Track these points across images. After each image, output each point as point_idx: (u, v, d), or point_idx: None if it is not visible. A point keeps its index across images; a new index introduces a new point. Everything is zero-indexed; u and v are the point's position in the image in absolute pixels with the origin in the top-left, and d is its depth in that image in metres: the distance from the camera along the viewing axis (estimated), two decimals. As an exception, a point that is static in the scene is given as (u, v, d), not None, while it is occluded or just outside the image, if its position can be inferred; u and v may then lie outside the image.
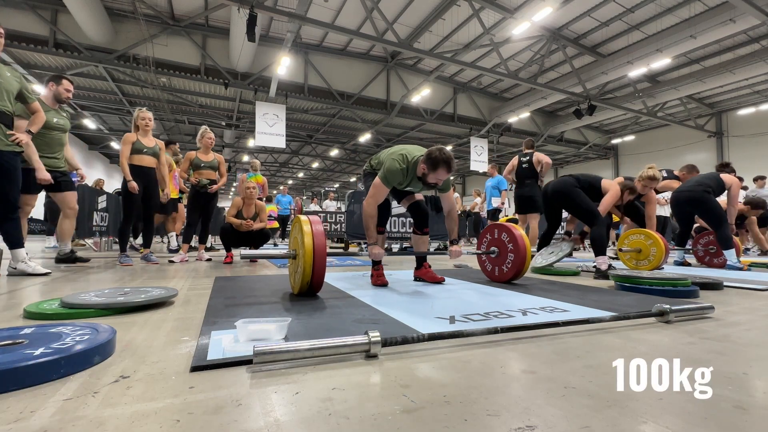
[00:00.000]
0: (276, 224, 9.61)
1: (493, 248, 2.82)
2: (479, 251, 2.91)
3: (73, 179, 3.78)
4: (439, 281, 2.67)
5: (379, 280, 2.57)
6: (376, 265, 2.64)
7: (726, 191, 4.23)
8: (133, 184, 3.69)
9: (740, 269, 3.90)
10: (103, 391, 0.85)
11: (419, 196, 2.82)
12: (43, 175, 3.02)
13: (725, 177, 4.23)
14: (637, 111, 13.63)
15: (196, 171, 4.40)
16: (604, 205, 3.36)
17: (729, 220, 4.16)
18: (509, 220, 9.38)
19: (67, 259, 3.71)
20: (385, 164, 2.45)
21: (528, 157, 5.07)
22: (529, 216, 5.11)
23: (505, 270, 2.72)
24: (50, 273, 2.95)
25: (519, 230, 2.68)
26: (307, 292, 2.02)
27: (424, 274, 2.77)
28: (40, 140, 3.15)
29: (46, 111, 3.17)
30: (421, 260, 2.82)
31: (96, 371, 0.97)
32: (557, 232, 4.06)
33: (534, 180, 5.01)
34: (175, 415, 0.74)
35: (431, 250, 7.47)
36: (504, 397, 0.84)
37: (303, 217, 2.07)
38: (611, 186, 3.42)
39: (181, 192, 5.99)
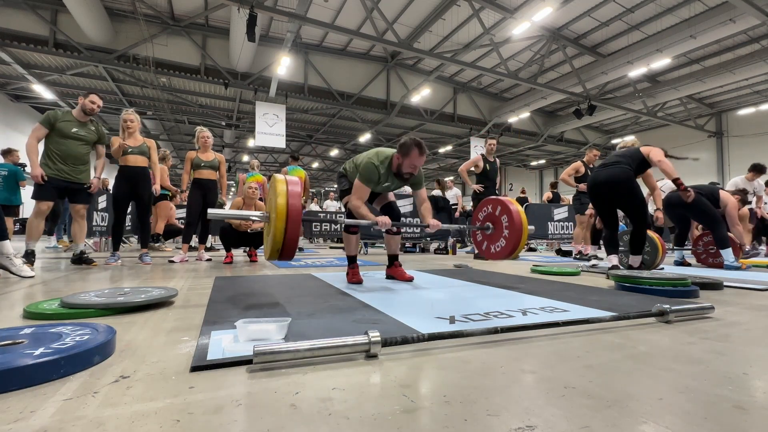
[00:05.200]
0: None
1: (487, 224, 2.75)
2: (474, 227, 2.85)
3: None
4: (409, 280, 2.72)
5: (354, 278, 2.64)
6: (352, 264, 2.73)
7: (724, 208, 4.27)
8: (36, 172, 3.25)
9: (738, 268, 3.90)
10: (103, 391, 0.85)
11: (391, 197, 2.89)
12: (36, 171, 3.22)
13: (724, 194, 4.29)
14: (637, 111, 13.63)
15: (197, 170, 4.40)
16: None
17: (739, 240, 4.25)
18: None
19: (77, 260, 3.70)
20: (360, 167, 2.55)
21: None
22: None
23: (500, 247, 2.63)
24: (34, 276, 2.76)
25: (515, 205, 2.60)
26: (280, 257, 1.90)
27: (394, 272, 2.83)
28: (54, 147, 3.37)
29: (69, 121, 3.44)
30: (392, 259, 2.89)
31: (96, 371, 0.97)
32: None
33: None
34: (175, 415, 0.74)
35: (432, 250, 7.48)
36: (504, 397, 0.84)
37: (279, 176, 1.93)
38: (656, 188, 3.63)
39: (164, 188, 5.99)
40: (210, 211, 1.98)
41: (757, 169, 6.06)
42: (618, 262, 3.46)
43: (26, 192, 4.94)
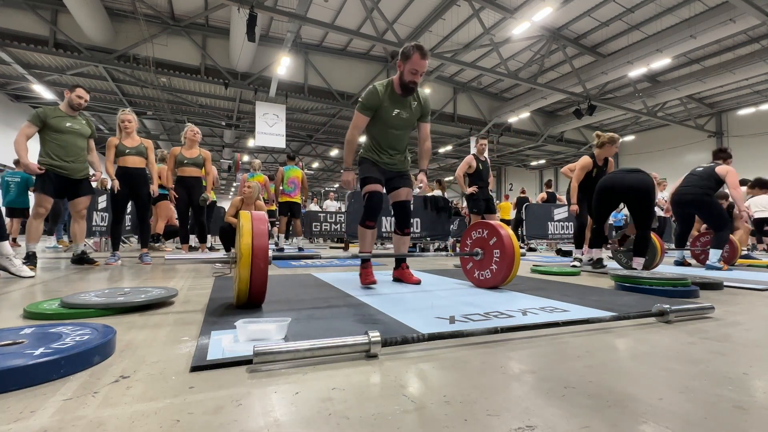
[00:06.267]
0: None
1: (476, 249, 2.56)
2: (462, 253, 2.65)
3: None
4: (416, 282, 2.59)
5: (367, 279, 2.46)
6: (365, 263, 2.54)
7: (725, 184, 4.16)
8: (116, 183, 3.76)
9: (719, 269, 3.92)
10: (103, 391, 0.85)
11: (407, 196, 2.69)
12: (32, 167, 3.17)
13: (719, 170, 4.17)
14: (637, 111, 13.64)
15: (180, 168, 4.35)
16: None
17: (739, 206, 4.17)
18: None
19: (78, 260, 3.69)
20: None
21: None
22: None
23: (486, 276, 2.46)
24: (34, 276, 2.79)
25: (506, 229, 2.43)
26: (247, 304, 1.71)
27: (401, 274, 2.69)
28: (53, 143, 3.30)
29: (60, 116, 3.35)
30: (399, 260, 2.75)
31: (96, 371, 0.97)
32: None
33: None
34: (175, 415, 0.74)
35: (432, 250, 7.48)
36: (504, 397, 0.84)
37: (245, 213, 1.77)
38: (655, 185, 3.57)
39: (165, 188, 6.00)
40: (167, 257, 1.93)
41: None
42: (601, 255, 3.56)
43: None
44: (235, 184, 26.76)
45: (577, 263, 4.10)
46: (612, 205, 3.49)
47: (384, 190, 2.63)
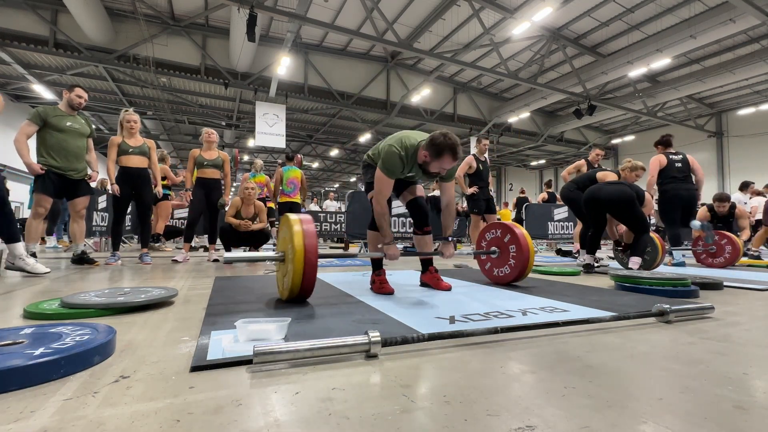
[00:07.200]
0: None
1: (493, 248, 2.68)
2: (479, 251, 2.77)
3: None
4: (446, 289, 2.36)
5: (382, 288, 2.23)
6: (378, 270, 2.34)
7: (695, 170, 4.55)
8: (115, 187, 3.81)
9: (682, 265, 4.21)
10: (103, 391, 0.85)
11: (420, 192, 2.53)
12: (34, 167, 3.18)
13: (690, 159, 4.54)
14: (637, 111, 13.64)
15: (200, 169, 4.37)
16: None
17: (701, 189, 4.62)
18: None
19: (78, 260, 3.69)
20: (382, 154, 2.19)
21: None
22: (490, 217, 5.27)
23: (504, 273, 2.60)
24: (50, 272, 2.90)
25: (521, 229, 2.56)
26: (297, 297, 1.83)
27: (430, 279, 2.50)
28: (53, 142, 3.30)
29: (60, 115, 3.36)
30: (426, 264, 2.53)
31: (96, 371, 0.97)
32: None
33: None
34: (175, 415, 0.74)
35: (432, 250, 7.45)
36: (504, 397, 0.84)
37: (292, 216, 1.88)
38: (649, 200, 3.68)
39: (167, 188, 6.01)
40: (226, 255, 1.92)
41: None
42: (592, 261, 3.68)
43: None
44: (235, 184, 26.74)
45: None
46: (600, 214, 3.62)
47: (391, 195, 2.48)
